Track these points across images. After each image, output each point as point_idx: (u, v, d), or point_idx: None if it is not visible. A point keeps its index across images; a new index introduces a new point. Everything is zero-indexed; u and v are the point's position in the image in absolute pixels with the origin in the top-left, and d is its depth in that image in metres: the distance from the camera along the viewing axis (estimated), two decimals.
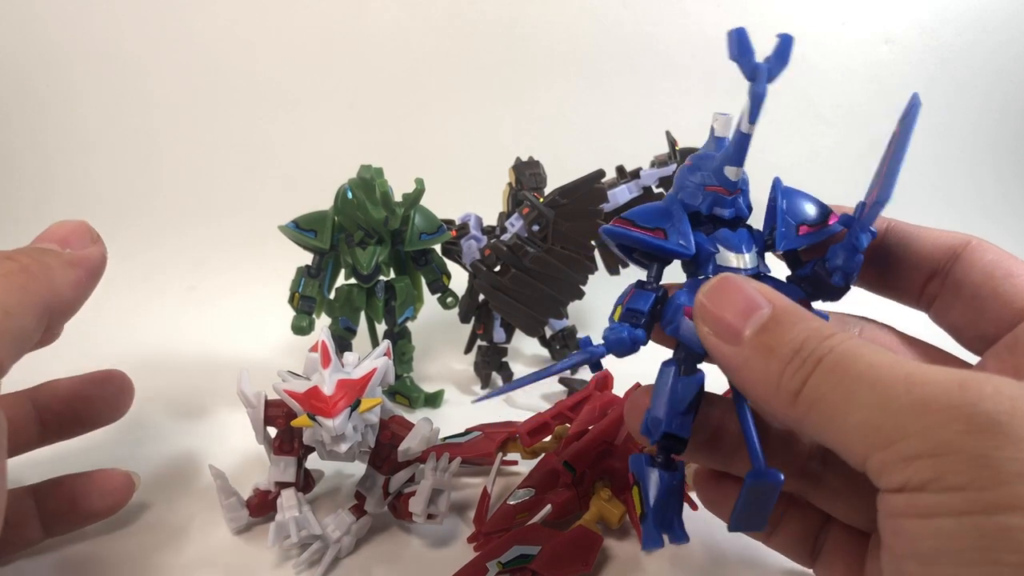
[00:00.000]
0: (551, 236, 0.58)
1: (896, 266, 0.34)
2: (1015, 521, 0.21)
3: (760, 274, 0.32)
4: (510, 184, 0.64)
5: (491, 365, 0.63)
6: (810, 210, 0.33)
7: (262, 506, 0.45)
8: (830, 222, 0.33)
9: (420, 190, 0.56)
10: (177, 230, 0.94)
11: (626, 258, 0.35)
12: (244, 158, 0.99)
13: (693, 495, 0.45)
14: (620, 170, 0.63)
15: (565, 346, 0.65)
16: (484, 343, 0.64)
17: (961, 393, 0.22)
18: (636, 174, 0.62)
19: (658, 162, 0.62)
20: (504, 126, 0.96)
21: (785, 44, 0.30)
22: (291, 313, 0.58)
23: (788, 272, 0.34)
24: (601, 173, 0.58)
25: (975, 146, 1.11)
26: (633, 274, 0.35)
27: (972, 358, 0.33)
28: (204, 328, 0.73)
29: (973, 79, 1.10)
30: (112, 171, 0.99)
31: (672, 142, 0.62)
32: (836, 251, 0.31)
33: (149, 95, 0.99)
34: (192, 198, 0.97)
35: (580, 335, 0.66)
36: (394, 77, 0.98)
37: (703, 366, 0.32)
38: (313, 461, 0.46)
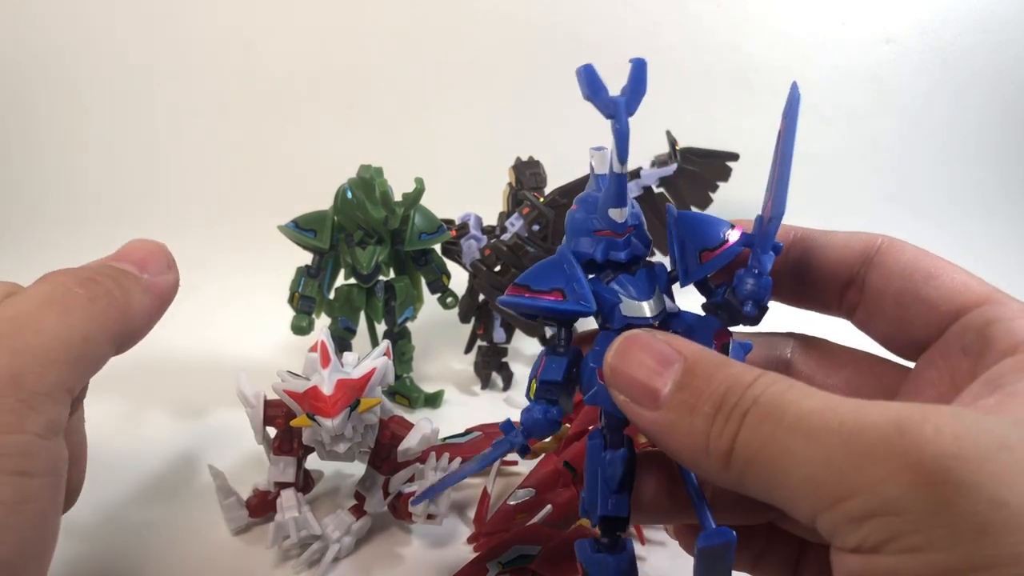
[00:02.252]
0: (551, 236, 0.58)
1: (809, 277, 0.32)
2: None
3: (668, 314, 0.30)
4: (510, 184, 0.64)
5: (491, 365, 0.63)
6: (708, 233, 0.31)
7: (262, 506, 0.45)
8: (729, 241, 0.30)
9: (420, 190, 0.56)
10: (177, 230, 0.93)
11: (532, 323, 0.33)
12: (244, 158, 0.99)
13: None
14: None
15: None
16: (484, 343, 0.64)
17: (901, 439, 0.20)
18: (636, 174, 0.62)
19: (658, 162, 0.62)
20: (504, 126, 0.96)
21: (638, 70, 0.28)
22: (291, 313, 0.58)
23: (702, 300, 0.31)
24: None
25: (976, 146, 1.11)
26: None
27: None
28: (204, 328, 0.73)
29: (974, 79, 1.09)
30: (112, 172, 0.99)
31: (672, 142, 0.62)
32: (743, 278, 0.29)
33: (149, 95, 0.99)
34: (192, 198, 0.97)
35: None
36: (394, 77, 0.98)
37: None
38: (313, 461, 0.46)
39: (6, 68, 0.98)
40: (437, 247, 0.60)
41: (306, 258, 0.58)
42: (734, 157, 0.61)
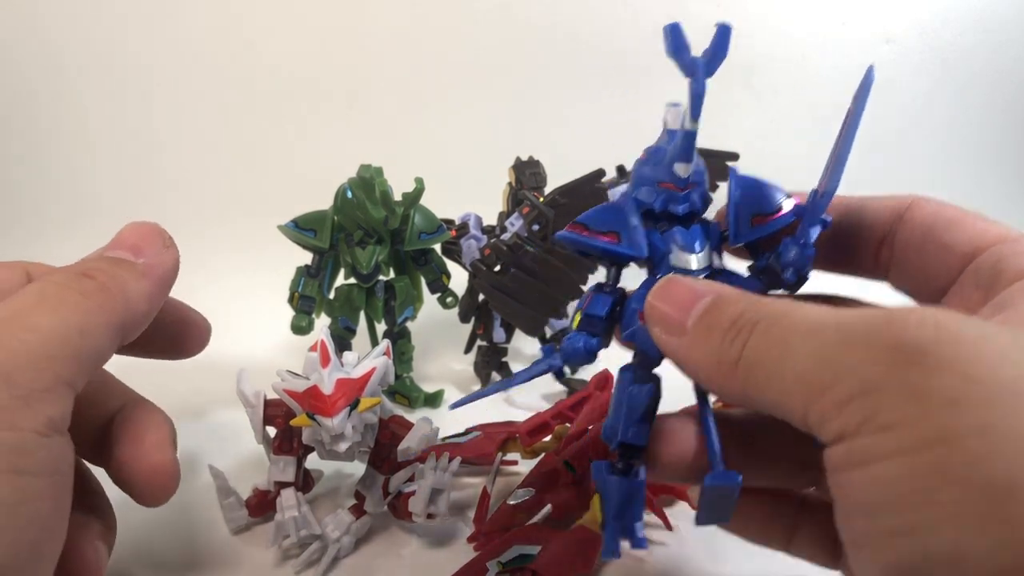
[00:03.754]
0: (551, 236, 0.58)
1: (847, 242, 0.34)
2: (946, 455, 0.19)
3: (714, 271, 0.32)
4: (510, 184, 0.64)
5: (491, 365, 0.63)
6: (764, 200, 0.33)
7: (261, 506, 0.45)
8: (783, 210, 0.32)
9: (420, 189, 0.56)
10: (177, 230, 0.93)
11: (586, 260, 0.35)
12: (244, 158, 0.99)
13: (668, 512, 0.45)
14: (620, 169, 0.63)
15: None
16: (484, 343, 0.64)
17: (887, 327, 0.22)
18: None
19: None
20: (504, 126, 0.96)
21: (722, 35, 0.30)
22: (291, 313, 0.58)
23: (750, 262, 0.33)
24: (601, 172, 0.57)
25: (977, 146, 1.11)
26: (628, 279, 0.34)
27: None
28: None
29: (974, 79, 1.09)
30: (112, 172, 0.99)
31: None
32: (788, 245, 0.31)
33: (149, 95, 0.99)
34: (192, 198, 0.97)
35: None
36: (394, 77, 0.98)
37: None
38: (313, 461, 0.46)
39: (6, 68, 0.98)
40: (437, 247, 0.60)
41: (306, 258, 0.58)
42: (734, 157, 0.61)
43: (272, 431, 0.45)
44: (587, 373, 0.65)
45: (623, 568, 0.43)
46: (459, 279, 0.62)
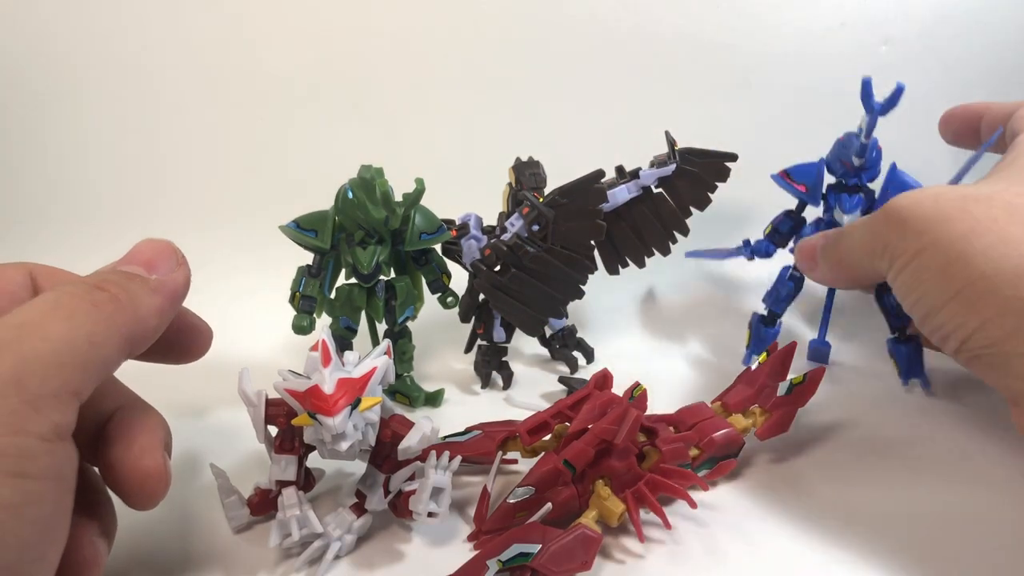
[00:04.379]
0: (551, 236, 0.58)
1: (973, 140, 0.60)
2: (921, 261, 0.42)
3: None
4: (510, 184, 0.64)
5: (491, 364, 0.64)
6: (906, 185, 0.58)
7: (263, 505, 0.46)
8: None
9: (420, 190, 0.56)
10: (179, 231, 0.93)
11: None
12: (245, 158, 0.99)
13: (668, 512, 0.46)
14: (620, 170, 0.64)
15: (565, 345, 0.65)
16: (484, 342, 0.64)
17: (888, 207, 0.45)
18: (636, 174, 0.62)
19: (657, 162, 0.62)
20: (504, 126, 0.96)
21: (897, 93, 0.52)
22: (292, 313, 0.58)
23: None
24: (601, 173, 0.58)
25: (976, 147, 1.11)
26: (628, 279, 0.35)
27: None
28: None
29: (974, 80, 1.09)
30: (112, 172, 0.99)
31: (671, 142, 0.62)
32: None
33: (150, 95, 0.99)
34: (193, 199, 0.97)
35: (580, 334, 0.66)
36: (395, 78, 0.98)
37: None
38: (314, 460, 0.46)
39: (6, 68, 0.98)
40: (437, 247, 0.60)
41: (307, 258, 0.58)
42: (733, 157, 0.61)
43: (273, 430, 0.45)
44: (587, 373, 0.65)
45: (623, 568, 0.44)
46: (459, 279, 0.62)
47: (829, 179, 0.61)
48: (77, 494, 0.31)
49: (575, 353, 0.66)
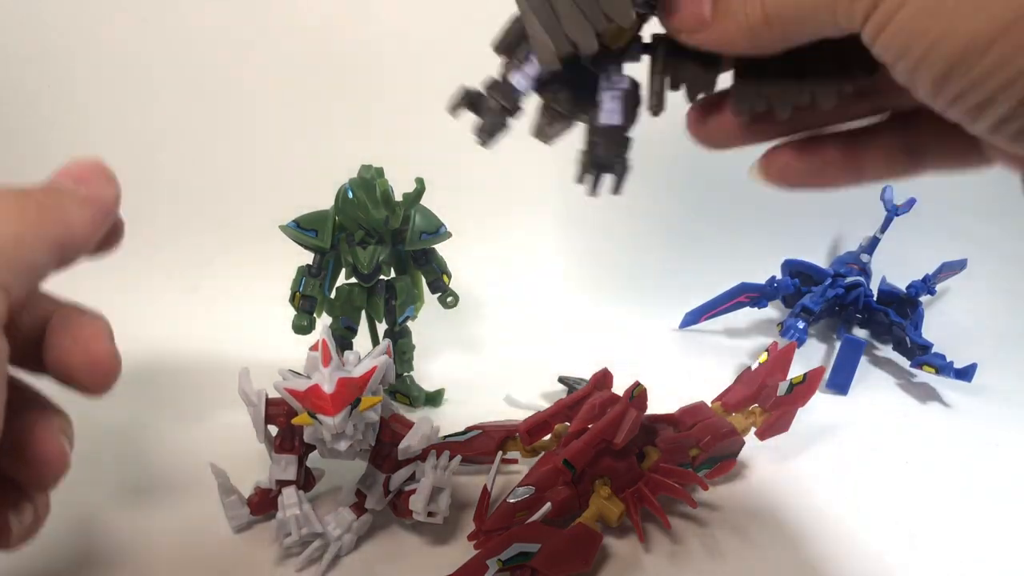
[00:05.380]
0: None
1: None
2: None
3: None
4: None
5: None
6: None
7: (263, 504, 0.46)
8: None
9: (420, 189, 0.56)
10: (178, 231, 0.94)
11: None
12: (245, 158, 0.99)
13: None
14: None
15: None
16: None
17: None
18: None
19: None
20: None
21: (909, 203, 0.59)
22: (292, 312, 0.58)
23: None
24: None
25: None
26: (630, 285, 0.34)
27: None
28: (205, 328, 0.74)
29: None
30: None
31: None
32: None
33: (150, 94, 0.99)
34: (193, 198, 0.97)
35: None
36: (395, 77, 0.98)
37: None
38: (314, 459, 0.46)
39: (6, 67, 0.98)
40: (438, 247, 0.60)
41: (307, 258, 0.58)
42: None
43: (274, 430, 0.45)
44: (586, 372, 0.65)
45: (623, 568, 0.44)
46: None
47: None
48: (28, 400, 0.32)
49: None
